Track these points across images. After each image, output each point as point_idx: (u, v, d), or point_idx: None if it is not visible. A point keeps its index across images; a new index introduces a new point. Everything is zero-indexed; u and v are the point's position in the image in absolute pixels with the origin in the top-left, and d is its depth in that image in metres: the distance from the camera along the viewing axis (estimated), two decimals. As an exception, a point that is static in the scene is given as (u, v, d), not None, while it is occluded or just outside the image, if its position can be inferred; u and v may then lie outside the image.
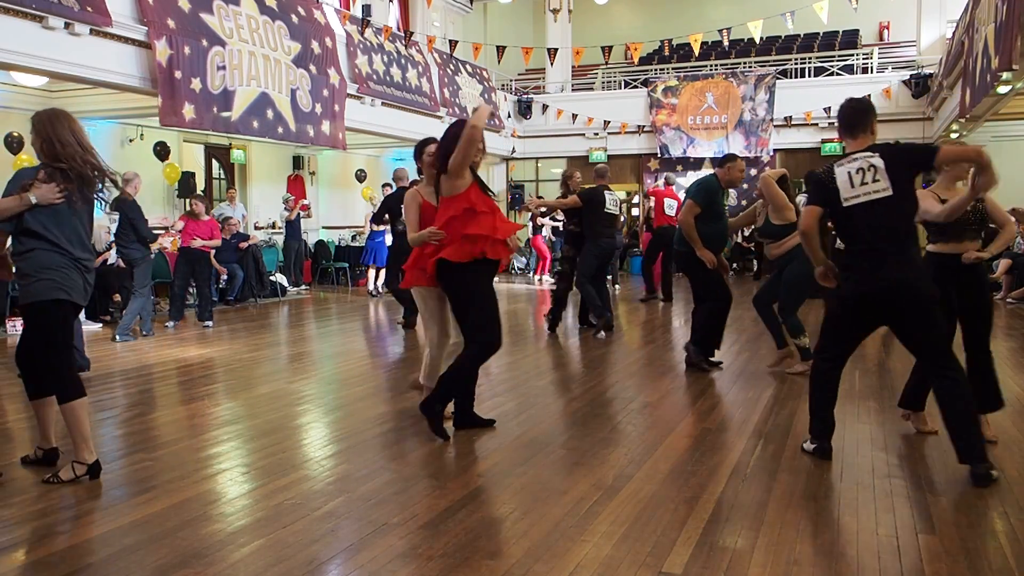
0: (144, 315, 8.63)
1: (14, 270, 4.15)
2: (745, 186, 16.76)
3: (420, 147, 4.95)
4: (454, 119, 15.24)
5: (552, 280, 15.03)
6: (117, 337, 8.34)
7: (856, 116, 4.01)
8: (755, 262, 16.41)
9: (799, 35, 20.34)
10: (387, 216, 9.57)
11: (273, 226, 15.37)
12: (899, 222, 3.84)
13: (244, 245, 12.24)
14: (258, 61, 10.69)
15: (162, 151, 12.97)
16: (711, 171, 7.01)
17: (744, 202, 15.59)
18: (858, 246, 3.91)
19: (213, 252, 10.25)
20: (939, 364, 3.87)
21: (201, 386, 6.20)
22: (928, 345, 3.90)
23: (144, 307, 8.59)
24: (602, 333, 8.58)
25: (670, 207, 12.04)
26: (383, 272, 13.23)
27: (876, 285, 3.85)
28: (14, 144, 10.90)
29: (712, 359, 6.72)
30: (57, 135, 3.84)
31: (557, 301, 8.92)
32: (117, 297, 9.99)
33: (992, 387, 4.40)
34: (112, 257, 9.82)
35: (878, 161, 3.83)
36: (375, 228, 13.07)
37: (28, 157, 10.28)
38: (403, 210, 4.82)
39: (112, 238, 9.20)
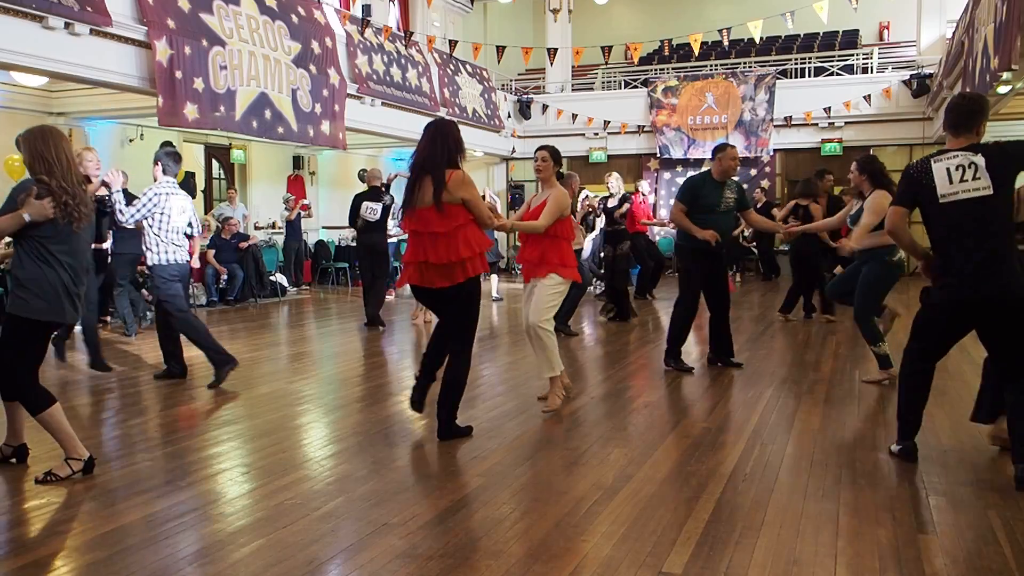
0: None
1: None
2: (761, 189, 16.72)
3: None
4: (454, 119, 15.26)
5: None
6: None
7: (965, 116, 3.83)
8: (759, 263, 16.29)
9: (799, 35, 20.32)
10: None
11: (273, 226, 15.37)
12: (998, 223, 3.70)
13: (244, 245, 12.24)
14: (258, 61, 10.68)
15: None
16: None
17: (758, 192, 15.45)
18: (953, 248, 3.75)
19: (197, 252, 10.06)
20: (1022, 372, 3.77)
21: (201, 386, 6.20)
22: (1017, 351, 3.76)
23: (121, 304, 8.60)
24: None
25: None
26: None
27: (975, 293, 3.70)
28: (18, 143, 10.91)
29: (682, 362, 6.61)
30: (44, 154, 3.87)
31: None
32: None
33: None
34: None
35: (979, 159, 3.70)
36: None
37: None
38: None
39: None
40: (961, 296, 3.77)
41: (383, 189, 9.64)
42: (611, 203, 9.83)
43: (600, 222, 10.26)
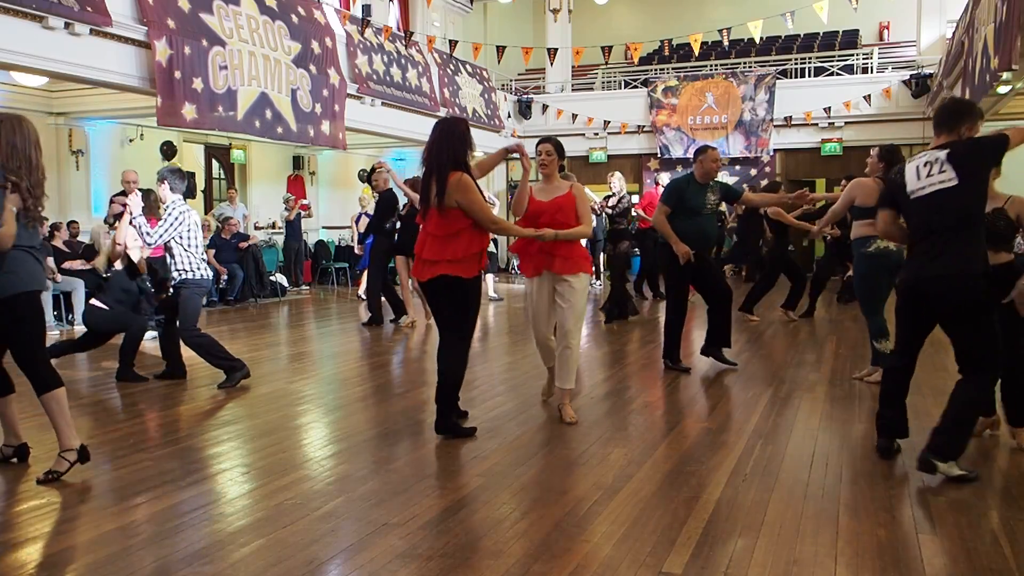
0: None
1: None
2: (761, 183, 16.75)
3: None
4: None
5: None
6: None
7: (946, 115, 3.95)
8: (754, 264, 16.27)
9: (799, 35, 20.32)
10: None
11: (273, 226, 15.38)
12: (958, 213, 3.77)
13: (244, 245, 12.24)
14: (258, 61, 10.68)
15: (168, 151, 12.97)
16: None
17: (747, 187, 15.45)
18: (918, 237, 3.92)
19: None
20: (974, 369, 3.84)
21: (201, 386, 6.20)
22: (968, 349, 3.84)
23: None
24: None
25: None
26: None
27: (922, 277, 3.83)
28: None
29: (680, 363, 6.62)
30: (19, 149, 3.84)
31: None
32: None
33: None
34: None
35: (941, 153, 3.82)
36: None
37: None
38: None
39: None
40: (912, 281, 3.90)
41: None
42: (612, 202, 9.89)
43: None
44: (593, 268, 12.69)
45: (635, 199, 18.38)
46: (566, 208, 5.00)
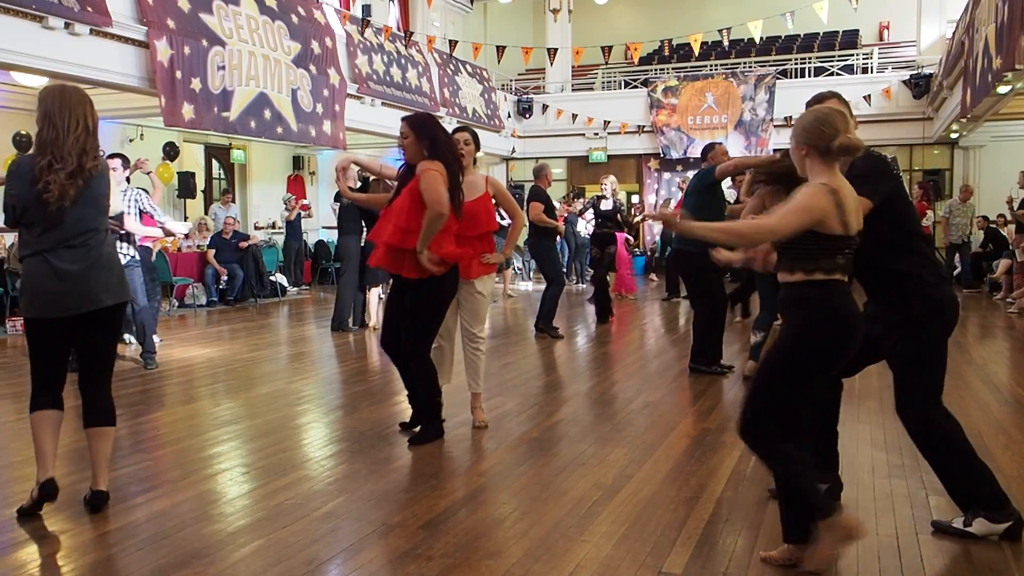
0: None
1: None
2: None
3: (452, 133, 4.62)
4: (454, 119, 15.25)
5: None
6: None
7: None
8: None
9: (799, 35, 20.31)
10: None
11: (273, 226, 15.38)
12: None
13: (244, 245, 12.24)
14: (258, 61, 10.69)
15: (172, 151, 12.97)
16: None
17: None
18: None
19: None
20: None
21: (201, 386, 6.20)
22: None
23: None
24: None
25: None
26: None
27: None
28: (23, 143, 10.93)
29: (723, 363, 6.52)
30: (54, 119, 3.30)
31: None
32: None
33: None
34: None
35: None
36: None
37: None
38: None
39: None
40: None
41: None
42: (604, 204, 9.86)
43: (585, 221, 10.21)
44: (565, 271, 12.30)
45: (634, 199, 18.51)
46: (480, 216, 4.52)
